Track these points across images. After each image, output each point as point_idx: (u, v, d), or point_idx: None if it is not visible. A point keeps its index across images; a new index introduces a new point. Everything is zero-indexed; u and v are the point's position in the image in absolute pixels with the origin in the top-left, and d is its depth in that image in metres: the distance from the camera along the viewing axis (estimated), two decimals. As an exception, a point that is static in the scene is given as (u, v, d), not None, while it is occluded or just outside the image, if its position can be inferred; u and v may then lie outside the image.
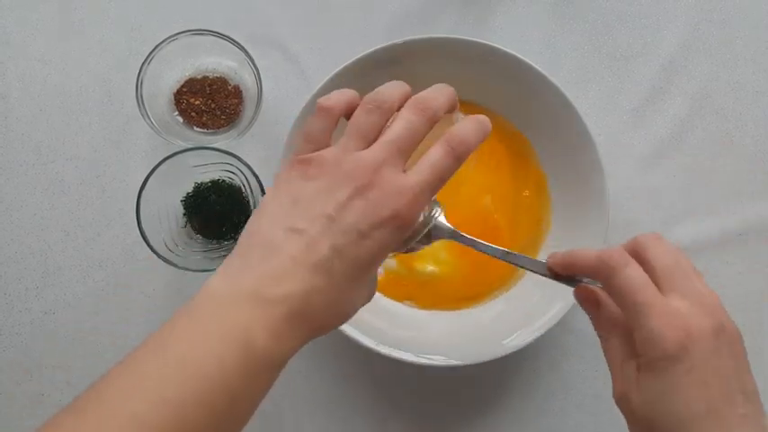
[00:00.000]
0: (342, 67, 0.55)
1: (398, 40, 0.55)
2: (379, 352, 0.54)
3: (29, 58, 0.62)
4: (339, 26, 0.63)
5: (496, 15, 0.64)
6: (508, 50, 0.55)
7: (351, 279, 0.35)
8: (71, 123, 0.62)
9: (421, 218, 0.41)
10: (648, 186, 0.63)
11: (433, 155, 0.36)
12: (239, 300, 0.33)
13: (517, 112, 0.59)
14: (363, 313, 0.56)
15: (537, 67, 0.55)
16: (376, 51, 0.55)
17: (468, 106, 0.60)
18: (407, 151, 0.36)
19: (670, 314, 0.34)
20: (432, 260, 0.59)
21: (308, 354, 0.61)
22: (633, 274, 0.35)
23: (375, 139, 0.37)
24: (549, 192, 0.60)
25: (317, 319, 0.34)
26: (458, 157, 0.36)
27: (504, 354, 0.54)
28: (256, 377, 0.32)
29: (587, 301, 0.39)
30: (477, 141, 0.38)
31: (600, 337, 0.39)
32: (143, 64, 0.56)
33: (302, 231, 0.34)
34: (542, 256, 0.59)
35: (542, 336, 0.54)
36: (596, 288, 0.39)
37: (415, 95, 0.39)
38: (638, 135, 0.63)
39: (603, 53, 0.64)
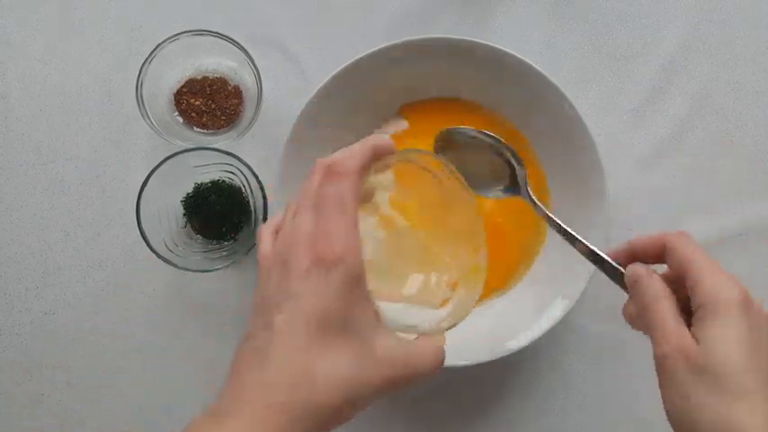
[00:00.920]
0: (342, 67, 0.55)
1: (398, 40, 0.55)
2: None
3: (29, 58, 0.62)
4: (339, 26, 0.63)
5: (496, 16, 0.64)
6: (508, 51, 0.55)
7: (309, 344, 0.33)
8: (71, 123, 0.62)
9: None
10: (648, 186, 0.63)
11: (321, 193, 0.35)
12: (204, 424, 0.33)
13: (517, 113, 0.59)
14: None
15: (537, 67, 0.55)
16: (376, 52, 0.55)
17: (469, 106, 0.60)
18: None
19: (730, 275, 0.37)
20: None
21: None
22: (693, 243, 0.39)
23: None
24: (549, 192, 0.60)
25: (288, 402, 0.32)
26: (342, 175, 0.35)
27: (504, 354, 0.54)
28: None
29: (640, 276, 0.40)
30: (359, 157, 0.36)
31: (649, 307, 0.39)
32: (143, 64, 0.56)
33: (250, 335, 0.34)
34: (542, 257, 0.59)
35: (543, 335, 0.54)
36: (645, 266, 0.41)
37: (326, 159, 0.37)
38: (638, 135, 0.63)
39: (603, 53, 0.64)
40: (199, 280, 0.62)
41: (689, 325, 0.37)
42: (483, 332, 0.57)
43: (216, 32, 0.56)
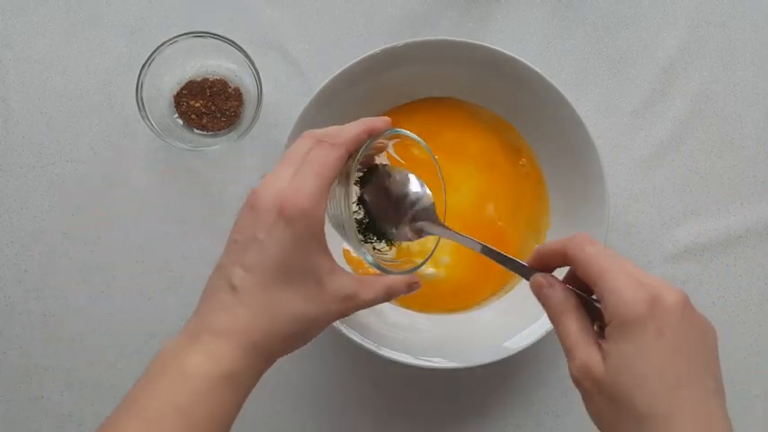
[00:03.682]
0: (342, 69, 0.55)
1: (398, 42, 0.55)
2: (379, 354, 0.54)
3: (29, 60, 0.62)
4: (339, 28, 0.63)
5: (496, 18, 0.64)
6: (508, 53, 0.55)
7: (270, 284, 0.39)
8: (71, 125, 0.62)
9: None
10: (648, 188, 0.63)
11: (308, 155, 0.41)
12: (179, 347, 0.38)
13: (517, 115, 0.59)
14: (364, 316, 0.57)
15: (537, 69, 0.55)
16: (376, 53, 0.55)
17: (469, 108, 0.60)
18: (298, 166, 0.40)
19: (638, 280, 0.35)
20: (432, 262, 0.59)
21: (308, 355, 0.61)
22: (600, 247, 0.37)
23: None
24: (549, 194, 0.60)
25: (253, 330, 0.38)
26: (330, 145, 0.41)
27: (504, 356, 0.54)
28: (206, 393, 0.37)
29: (541, 286, 0.40)
30: (353, 132, 0.42)
31: (554, 320, 0.39)
32: (143, 66, 0.56)
33: (220, 266, 0.40)
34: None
35: (543, 336, 0.54)
36: (549, 274, 0.40)
37: (318, 131, 0.43)
38: (638, 137, 0.63)
39: (603, 55, 0.64)
40: (199, 282, 0.61)
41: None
42: (483, 333, 0.57)
43: (216, 34, 0.56)
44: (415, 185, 0.49)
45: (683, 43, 0.64)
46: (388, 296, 0.44)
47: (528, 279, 0.41)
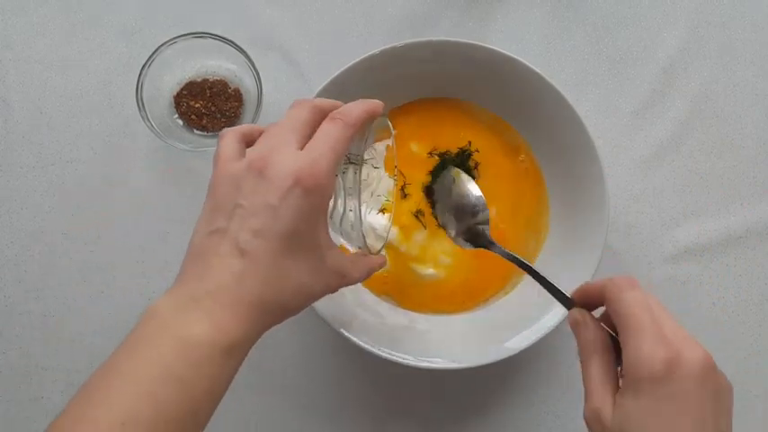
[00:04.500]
0: (342, 69, 0.55)
1: (398, 42, 0.55)
2: (379, 355, 0.54)
3: (30, 60, 0.62)
4: (339, 29, 0.63)
5: (496, 18, 0.64)
6: (508, 53, 0.55)
7: (280, 252, 0.37)
8: (71, 126, 0.62)
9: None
10: (649, 189, 0.63)
11: (320, 127, 0.40)
12: (176, 310, 0.36)
13: (517, 115, 0.59)
14: (364, 317, 0.57)
15: (537, 69, 0.55)
16: (376, 54, 0.55)
17: (469, 108, 0.60)
18: (307, 136, 0.40)
19: (664, 338, 0.35)
20: (432, 263, 0.59)
21: (309, 356, 0.61)
22: (638, 296, 0.37)
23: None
24: (549, 195, 0.60)
25: (261, 298, 0.37)
26: (344, 123, 0.40)
27: (504, 356, 0.54)
28: (207, 365, 0.35)
29: (576, 323, 0.40)
30: (360, 111, 0.41)
31: (581, 357, 0.39)
32: (143, 67, 0.56)
33: (221, 230, 0.38)
34: (542, 260, 0.59)
35: (543, 338, 0.54)
36: (587, 312, 0.40)
37: (321, 103, 0.43)
38: (638, 138, 0.63)
39: (603, 56, 0.64)
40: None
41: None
42: (483, 334, 0.57)
43: (216, 35, 0.56)
44: (478, 196, 0.55)
45: (683, 44, 0.64)
46: (369, 276, 0.45)
47: (568, 309, 0.41)
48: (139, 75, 0.56)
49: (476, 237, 0.55)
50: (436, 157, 0.60)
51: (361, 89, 0.57)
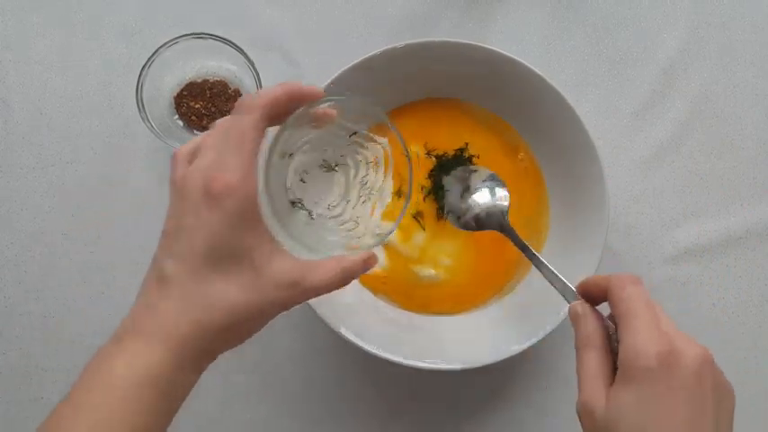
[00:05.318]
0: (342, 70, 0.55)
1: (398, 43, 0.55)
2: (379, 355, 0.54)
3: (30, 61, 0.62)
4: (340, 29, 0.63)
5: (496, 19, 0.64)
6: (508, 54, 0.55)
7: (201, 272, 0.35)
8: (71, 127, 0.62)
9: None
10: (648, 189, 0.63)
11: (222, 123, 0.37)
12: (109, 350, 0.36)
13: (517, 116, 0.59)
14: (364, 317, 0.57)
15: (537, 70, 0.55)
16: (376, 54, 0.55)
17: (469, 109, 0.60)
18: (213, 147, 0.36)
19: (661, 332, 0.34)
20: (432, 264, 0.59)
21: (308, 357, 0.61)
22: (641, 291, 0.36)
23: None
24: (549, 195, 0.60)
25: (177, 325, 0.35)
26: (245, 113, 0.36)
27: (504, 357, 0.54)
28: (134, 401, 0.33)
29: (577, 316, 0.40)
30: (268, 96, 0.37)
31: (577, 349, 0.39)
32: (143, 67, 0.56)
33: (152, 260, 0.37)
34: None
35: (543, 338, 0.54)
36: (588, 305, 0.40)
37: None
38: (638, 138, 0.63)
39: (603, 57, 0.64)
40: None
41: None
42: (483, 335, 0.57)
43: (216, 36, 0.56)
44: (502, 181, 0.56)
45: (683, 44, 0.64)
46: (345, 279, 0.38)
47: (569, 302, 0.41)
48: (139, 75, 0.56)
49: (489, 219, 0.55)
50: (434, 159, 0.60)
51: (361, 89, 0.57)
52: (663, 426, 0.33)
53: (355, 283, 0.59)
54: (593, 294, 0.40)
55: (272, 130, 0.38)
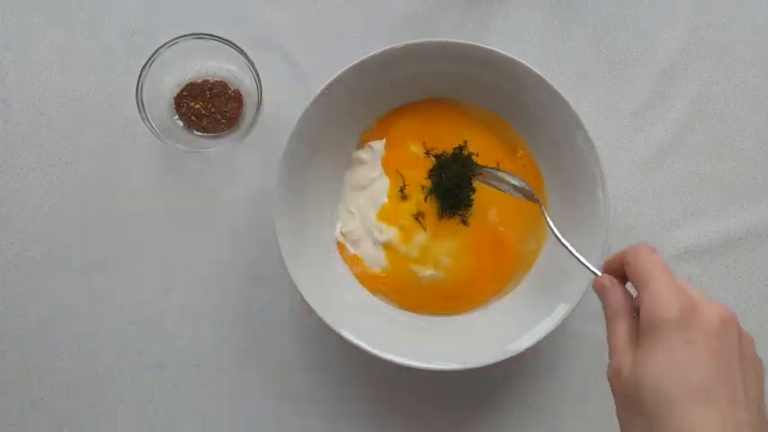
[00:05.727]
0: (342, 70, 0.55)
1: (398, 43, 0.55)
2: (379, 356, 0.54)
3: (30, 61, 0.62)
4: (339, 29, 0.63)
5: (496, 19, 0.64)
6: (508, 54, 0.55)
7: None
8: (71, 127, 0.62)
9: None
10: (649, 190, 0.63)
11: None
12: None
13: (516, 116, 0.59)
14: (364, 318, 0.57)
15: (536, 70, 0.55)
16: (376, 55, 0.55)
17: (468, 109, 0.60)
18: None
19: (681, 290, 0.35)
20: (432, 264, 0.59)
21: (309, 357, 0.61)
22: (657, 258, 0.37)
23: None
24: (549, 195, 0.60)
25: None
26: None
27: (504, 357, 0.54)
28: None
29: (604, 288, 0.40)
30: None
31: (608, 319, 0.39)
32: (143, 68, 0.56)
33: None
34: (542, 261, 0.59)
35: (542, 339, 0.54)
36: (615, 278, 0.41)
37: None
38: (638, 139, 0.63)
39: (603, 57, 0.64)
40: (198, 282, 0.62)
41: None
42: (483, 335, 0.57)
43: (216, 36, 0.56)
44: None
45: (683, 45, 0.64)
46: None
47: (595, 276, 0.42)
48: (139, 76, 0.56)
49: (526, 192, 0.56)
50: (432, 159, 0.60)
51: (361, 89, 0.57)
52: (687, 377, 0.33)
53: (355, 283, 0.59)
54: (614, 269, 0.41)
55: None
